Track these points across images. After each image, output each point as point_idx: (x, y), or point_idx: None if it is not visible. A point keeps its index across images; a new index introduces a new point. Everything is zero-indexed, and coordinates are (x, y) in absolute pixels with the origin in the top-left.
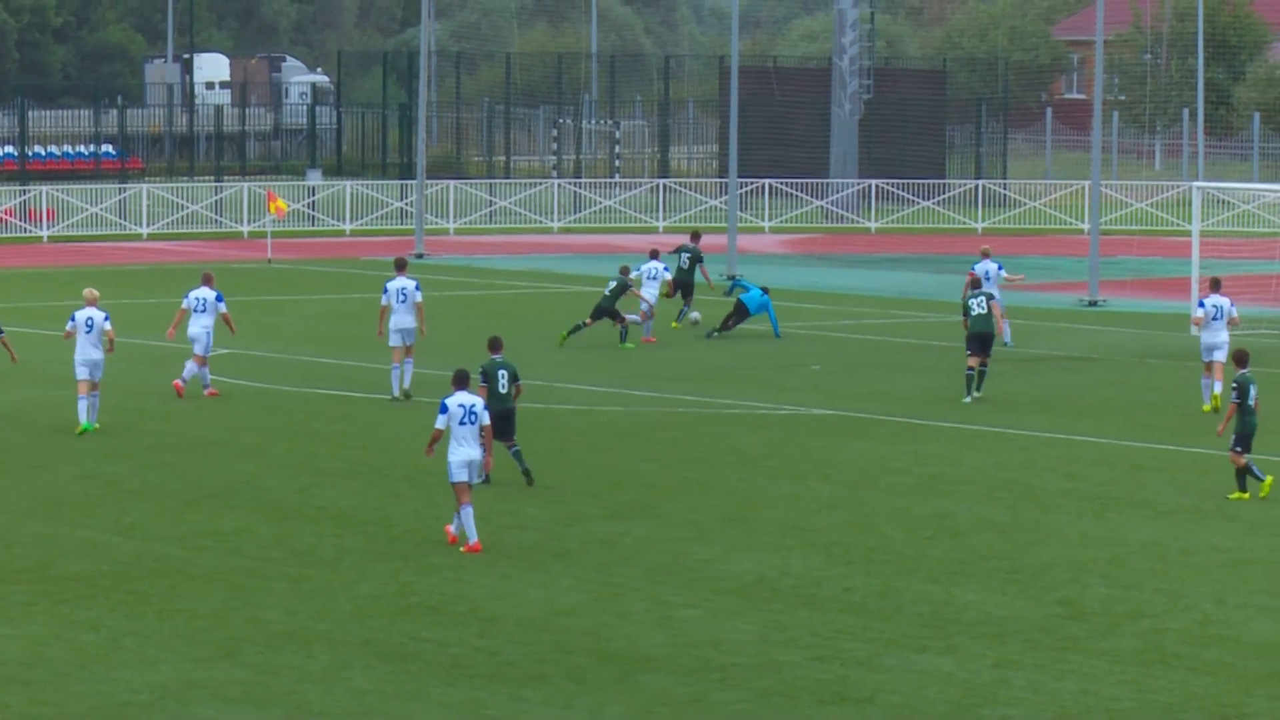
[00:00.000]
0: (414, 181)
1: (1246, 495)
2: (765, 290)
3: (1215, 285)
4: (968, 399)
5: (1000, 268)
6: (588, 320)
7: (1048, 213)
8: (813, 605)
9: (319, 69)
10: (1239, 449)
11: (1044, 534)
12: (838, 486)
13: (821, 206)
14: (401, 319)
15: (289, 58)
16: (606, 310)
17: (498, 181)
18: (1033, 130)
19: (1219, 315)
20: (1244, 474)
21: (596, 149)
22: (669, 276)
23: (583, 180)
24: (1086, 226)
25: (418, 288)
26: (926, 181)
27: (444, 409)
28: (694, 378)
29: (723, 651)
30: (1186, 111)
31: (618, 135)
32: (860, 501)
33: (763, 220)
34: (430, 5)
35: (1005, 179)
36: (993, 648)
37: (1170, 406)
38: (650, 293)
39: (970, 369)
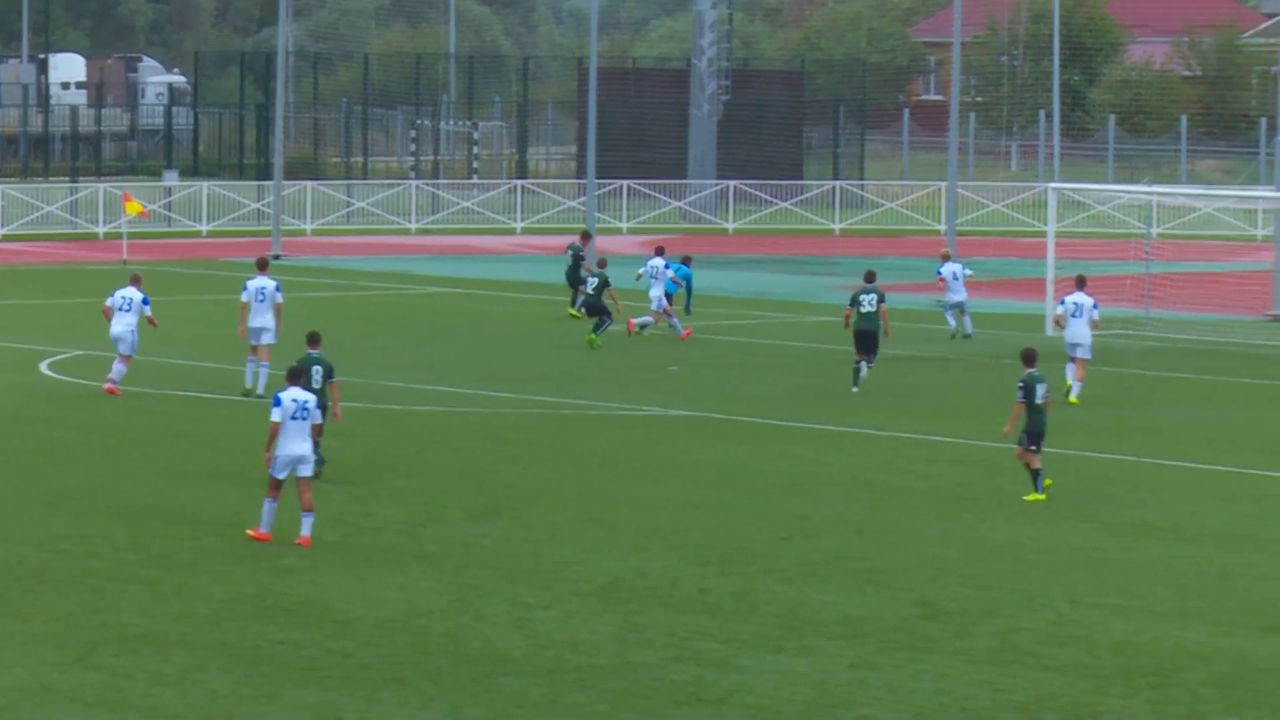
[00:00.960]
0: (271, 182)
1: (1043, 497)
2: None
3: (1080, 283)
4: (855, 389)
5: (965, 268)
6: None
7: (905, 214)
8: (669, 606)
9: (176, 69)
10: (1033, 448)
11: (902, 534)
12: (697, 487)
13: (680, 207)
14: (259, 318)
15: (145, 58)
16: (594, 306)
17: (355, 183)
18: (890, 132)
19: (1078, 313)
20: (1038, 474)
21: (455, 150)
22: (671, 272)
23: (441, 181)
24: (943, 227)
25: (278, 288)
26: (784, 183)
27: (278, 403)
28: (554, 379)
29: (579, 652)
30: (1043, 113)
31: (476, 136)
32: (719, 502)
33: (621, 221)
34: (288, 5)
35: (863, 180)
36: (849, 648)
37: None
38: (657, 293)
39: (858, 362)
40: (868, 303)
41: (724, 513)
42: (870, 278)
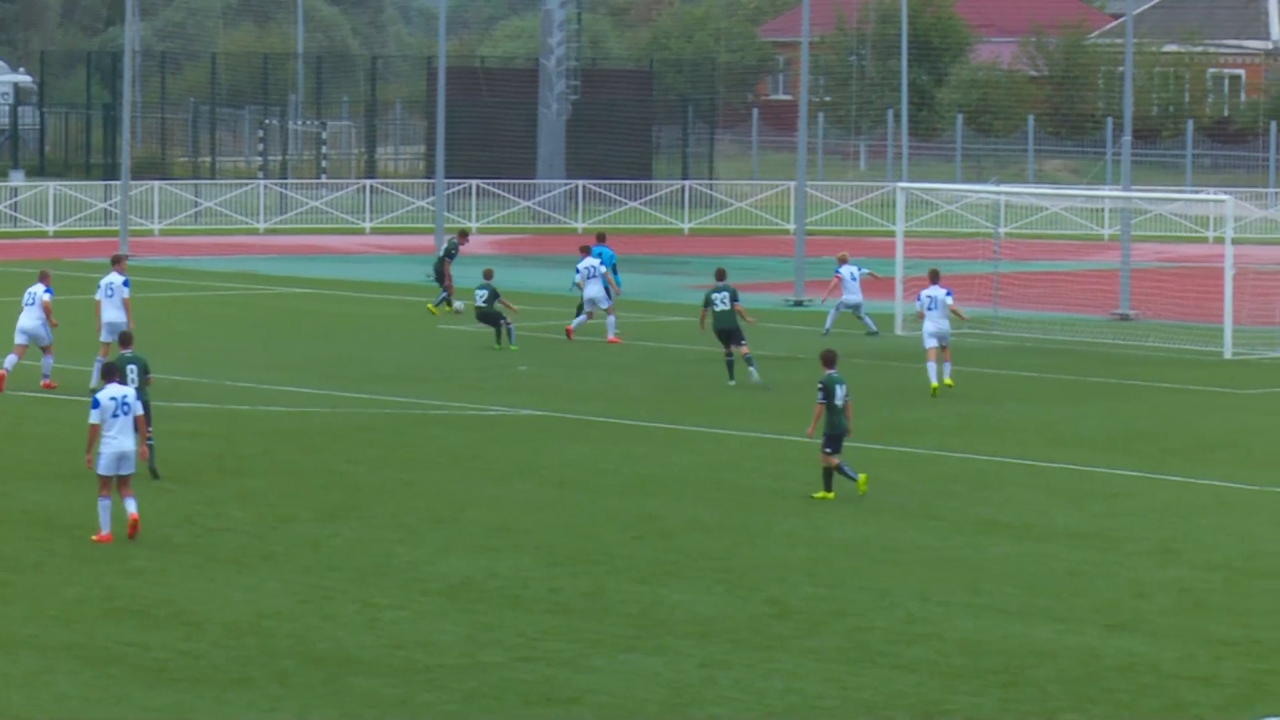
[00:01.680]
0: (118, 182)
1: (832, 495)
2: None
3: (934, 277)
4: (731, 382)
5: (862, 269)
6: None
7: (754, 213)
8: (519, 606)
9: (21, 69)
10: (828, 450)
11: (752, 533)
12: (546, 487)
13: (529, 207)
14: (109, 314)
15: None
16: (488, 316)
17: (203, 182)
18: (739, 131)
19: (934, 305)
20: (831, 474)
21: (303, 150)
22: (605, 269)
23: (289, 181)
24: (792, 227)
25: (125, 283)
26: (633, 182)
27: (96, 404)
28: (402, 379)
29: (430, 652)
30: (891, 113)
31: (324, 136)
32: (569, 502)
33: (470, 221)
34: (134, 5)
35: (712, 179)
36: (700, 647)
37: (875, 406)
38: (593, 293)
39: (728, 355)
40: (720, 301)
41: (574, 512)
42: (721, 275)
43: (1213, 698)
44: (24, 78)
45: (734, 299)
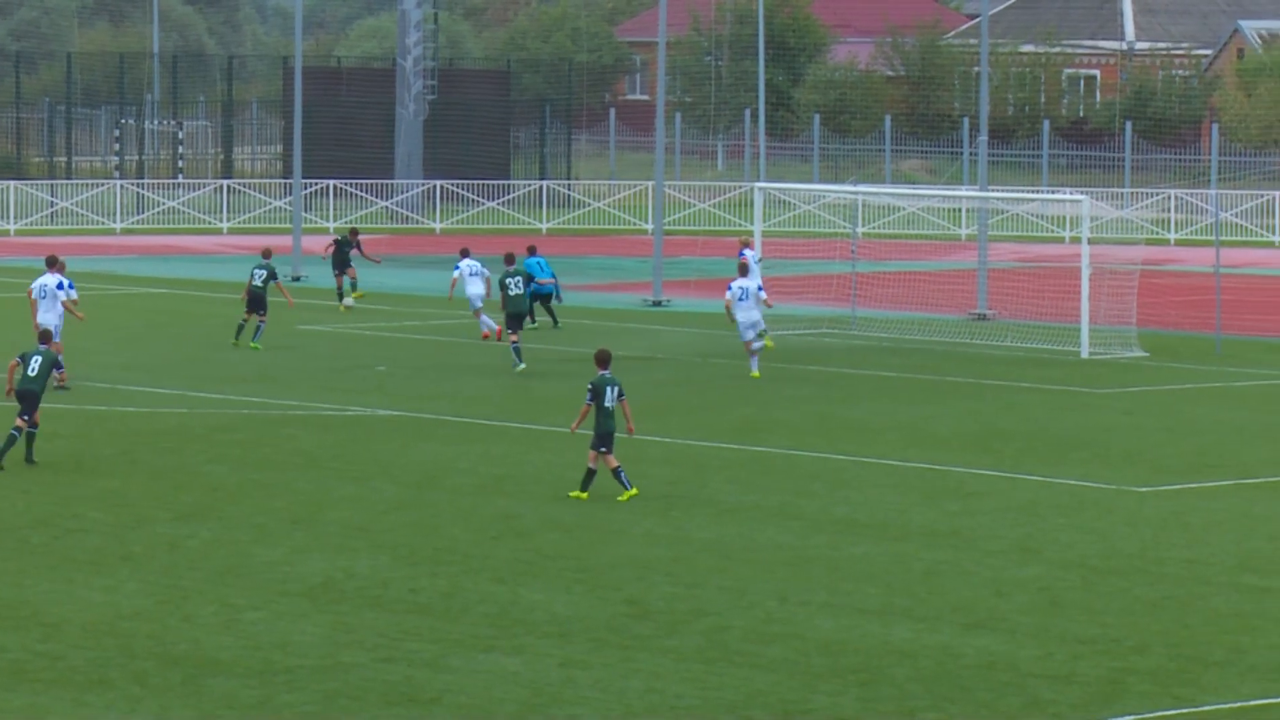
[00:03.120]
0: None
1: (585, 495)
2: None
3: (743, 270)
4: (520, 366)
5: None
6: (245, 316)
7: (612, 213)
8: (379, 606)
9: None
10: (603, 449)
11: (610, 533)
12: (403, 487)
13: (387, 207)
14: (46, 317)
15: None
16: (257, 301)
17: (59, 182)
18: (597, 131)
19: (745, 296)
20: (591, 476)
21: (160, 149)
22: (488, 274)
23: (146, 181)
24: (650, 227)
25: (60, 285)
26: (491, 182)
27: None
28: (258, 379)
29: (289, 653)
30: (748, 113)
31: (181, 136)
32: (426, 502)
33: (328, 221)
34: None
35: (570, 179)
36: (560, 647)
37: (733, 406)
38: (477, 290)
39: (509, 342)
40: (514, 285)
41: (431, 512)
42: (510, 260)
43: (1070, 696)
44: None
45: (530, 280)
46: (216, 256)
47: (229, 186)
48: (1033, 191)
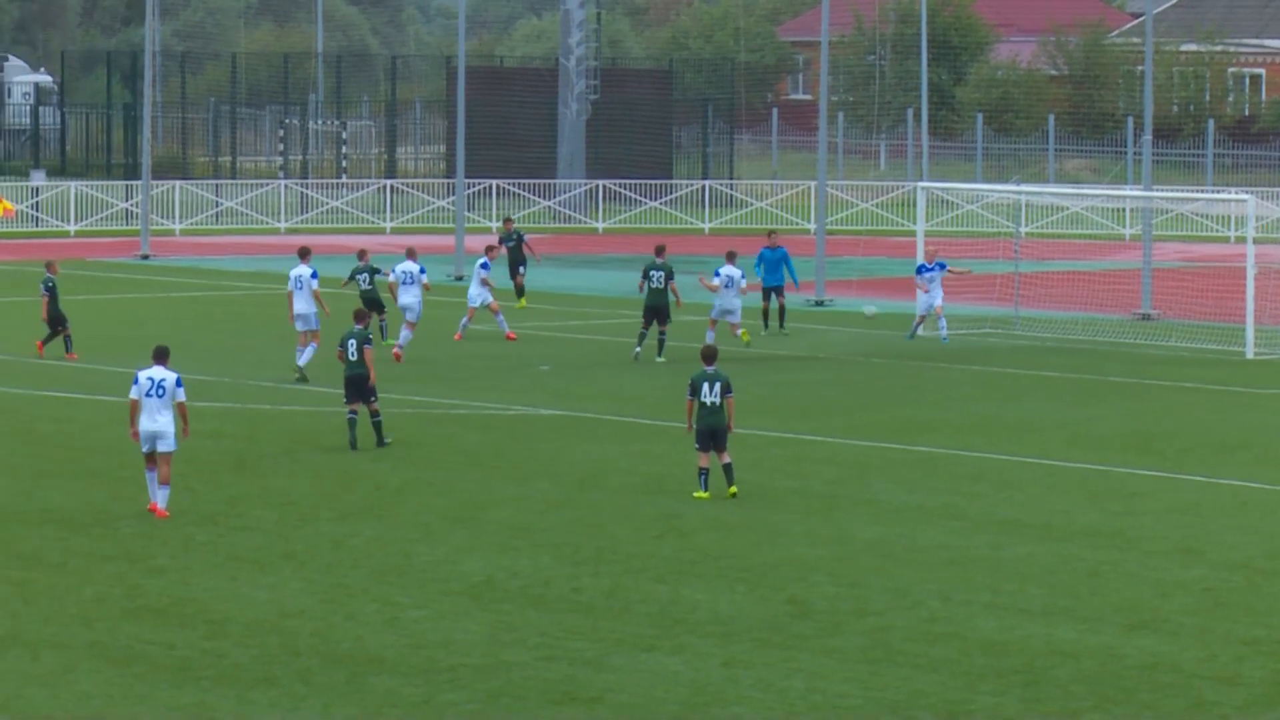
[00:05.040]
0: (139, 182)
1: (706, 495)
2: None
3: (731, 258)
4: (638, 349)
5: (744, 277)
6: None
7: (774, 213)
8: (541, 605)
9: (42, 68)
10: (710, 446)
11: (771, 532)
12: (565, 486)
13: (549, 207)
14: (300, 305)
15: (11, 57)
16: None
17: (224, 182)
18: (759, 131)
19: (730, 284)
20: (703, 474)
21: (323, 149)
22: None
23: (309, 181)
24: (813, 226)
25: (314, 275)
26: (653, 182)
27: (136, 381)
28: (421, 378)
29: (451, 652)
30: (910, 112)
31: (344, 135)
32: (587, 501)
33: (490, 221)
34: (154, 5)
35: (732, 179)
36: (721, 646)
37: (895, 406)
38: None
39: (644, 331)
40: (655, 280)
41: (592, 511)
42: (660, 251)
43: (1235, 697)
44: (44, 78)
45: (669, 277)
46: (380, 256)
47: (392, 186)
48: (1197, 191)
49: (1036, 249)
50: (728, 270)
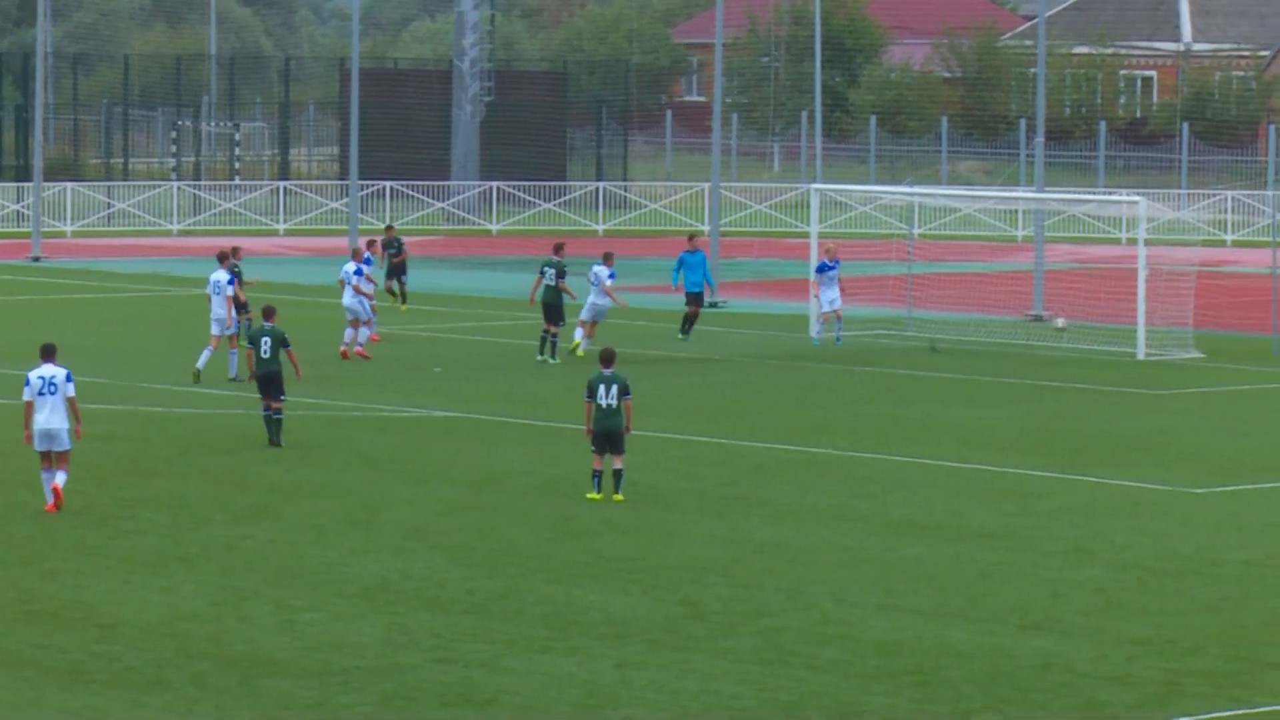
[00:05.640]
0: (31, 184)
1: (598, 496)
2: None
3: (607, 259)
4: (539, 358)
5: (611, 275)
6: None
7: (669, 214)
8: (435, 607)
9: None
10: (606, 449)
11: (666, 534)
12: (460, 489)
13: (443, 209)
14: (218, 309)
15: None
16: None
17: (116, 184)
18: (653, 133)
19: (596, 281)
20: (596, 476)
21: (216, 151)
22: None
23: (202, 183)
24: (707, 228)
25: (231, 281)
26: (547, 184)
27: (27, 382)
28: (316, 380)
29: (345, 655)
30: (804, 114)
31: (238, 137)
32: (483, 503)
33: (384, 222)
34: (47, 6)
35: (626, 181)
36: (615, 648)
37: (790, 407)
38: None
39: (545, 333)
40: (549, 276)
41: (488, 513)
42: (558, 249)
43: (1126, 697)
44: None
45: (560, 275)
46: (273, 258)
47: (285, 188)
48: (1089, 193)
49: (929, 250)
50: (596, 269)
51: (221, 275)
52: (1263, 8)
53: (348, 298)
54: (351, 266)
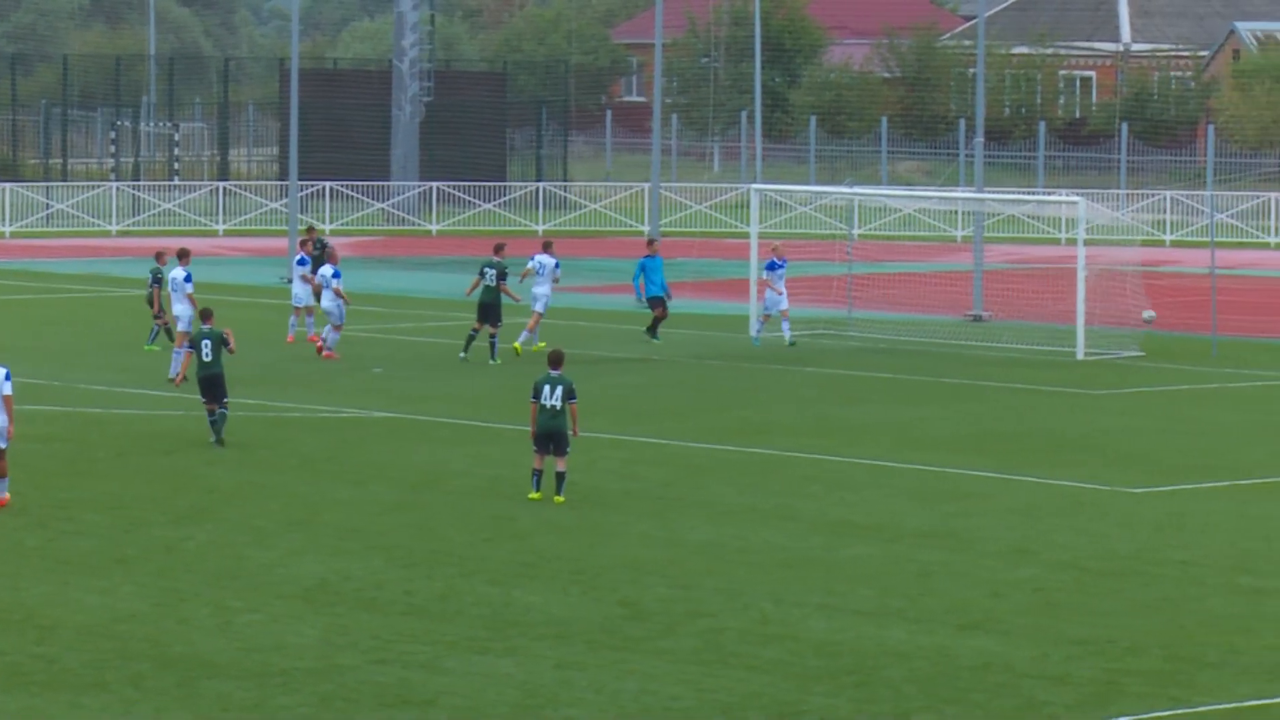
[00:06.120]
0: None
1: (538, 496)
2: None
3: (546, 247)
4: (462, 356)
5: (556, 265)
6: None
7: (608, 215)
8: (374, 608)
9: None
10: (549, 450)
11: (605, 535)
12: (399, 489)
13: (383, 209)
14: (178, 309)
15: None
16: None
17: (55, 184)
18: (593, 133)
19: (542, 270)
20: (536, 475)
21: (155, 152)
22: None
23: (141, 183)
24: (647, 229)
25: (188, 278)
26: (488, 184)
27: None
28: (255, 381)
29: (284, 656)
30: (744, 115)
31: (177, 138)
32: (422, 504)
33: (324, 223)
34: None
35: (566, 181)
36: (554, 648)
37: (729, 407)
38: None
39: (474, 331)
40: (489, 276)
41: (427, 514)
42: (498, 250)
43: (1065, 697)
44: None
45: (501, 276)
46: (212, 259)
47: (225, 189)
48: (1029, 193)
49: (869, 251)
50: (540, 258)
51: (179, 273)
52: (1200, 8)
53: (326, 300)
54: (329, 270)
